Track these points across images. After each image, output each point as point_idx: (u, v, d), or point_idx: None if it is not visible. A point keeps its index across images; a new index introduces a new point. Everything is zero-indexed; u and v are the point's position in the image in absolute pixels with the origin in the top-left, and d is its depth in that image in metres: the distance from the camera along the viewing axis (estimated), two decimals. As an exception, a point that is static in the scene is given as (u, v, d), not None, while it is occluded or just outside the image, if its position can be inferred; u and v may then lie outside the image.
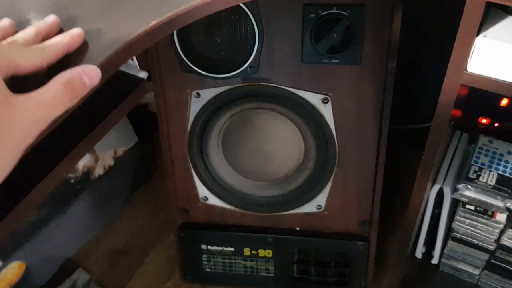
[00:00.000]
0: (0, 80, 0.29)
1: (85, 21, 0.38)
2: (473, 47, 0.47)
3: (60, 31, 0.36)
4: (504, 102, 0.86)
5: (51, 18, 0.36)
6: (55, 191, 1.01)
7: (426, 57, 1.03)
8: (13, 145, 0.29)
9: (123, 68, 0.65)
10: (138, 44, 0.36)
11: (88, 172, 1.08)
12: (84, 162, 1.05)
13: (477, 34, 0.47)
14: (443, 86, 0.51)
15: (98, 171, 1.10)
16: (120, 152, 1.14)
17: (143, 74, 0.66)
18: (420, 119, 1.07)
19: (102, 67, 0.34)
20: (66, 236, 1.05)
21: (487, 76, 0.48)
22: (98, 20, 0.38)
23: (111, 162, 1.12)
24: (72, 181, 1.04)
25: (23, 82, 0.31)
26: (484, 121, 0.89)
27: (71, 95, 0.31)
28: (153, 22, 0.37)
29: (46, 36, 0.35)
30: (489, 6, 0.46)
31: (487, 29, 0.48)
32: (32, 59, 0.32)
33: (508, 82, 0.47)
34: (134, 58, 0.70)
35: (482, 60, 0.48)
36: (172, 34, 0.71)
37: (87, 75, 0.32)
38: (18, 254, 0.96)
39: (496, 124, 0.89)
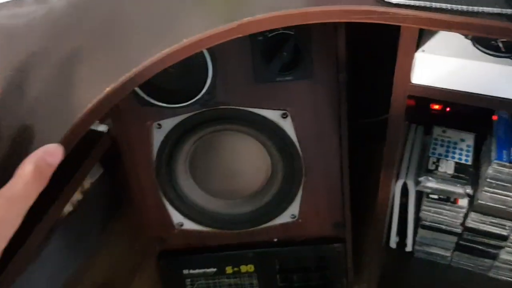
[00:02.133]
0: None
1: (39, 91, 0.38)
2: (414, 61, 0.50)
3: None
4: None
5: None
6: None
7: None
8: None
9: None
10: (95, 113, 0.36)
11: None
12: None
13: (417, 49, 0.50)
14: (391, 99, 0.53)
15: (67, 209, 1.08)
16: (87, 185, 1.13)
17: (102, 128, 0.65)
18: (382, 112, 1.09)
19: (63, 142, 0.34)
20: (42, 281, 1.03)
21: (430, 86, 0.51)
22: (54, 88, 0.38)
23: (79, 196, 1.10)
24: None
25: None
26: (436, 107, 0.93)
27: (40, 180, 0.30)
28: (108, 89, 0.37)
29: None
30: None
31: (425, 43, 0.51)
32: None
33: (450, 89, 0.50)
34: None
35: (423, 72, 0.51)
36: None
37: (50, 156, 0.31)
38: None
39: (448, 109, 0.93)
